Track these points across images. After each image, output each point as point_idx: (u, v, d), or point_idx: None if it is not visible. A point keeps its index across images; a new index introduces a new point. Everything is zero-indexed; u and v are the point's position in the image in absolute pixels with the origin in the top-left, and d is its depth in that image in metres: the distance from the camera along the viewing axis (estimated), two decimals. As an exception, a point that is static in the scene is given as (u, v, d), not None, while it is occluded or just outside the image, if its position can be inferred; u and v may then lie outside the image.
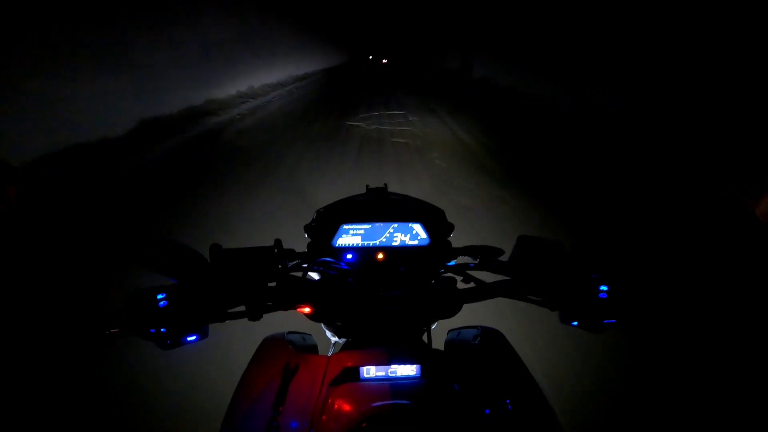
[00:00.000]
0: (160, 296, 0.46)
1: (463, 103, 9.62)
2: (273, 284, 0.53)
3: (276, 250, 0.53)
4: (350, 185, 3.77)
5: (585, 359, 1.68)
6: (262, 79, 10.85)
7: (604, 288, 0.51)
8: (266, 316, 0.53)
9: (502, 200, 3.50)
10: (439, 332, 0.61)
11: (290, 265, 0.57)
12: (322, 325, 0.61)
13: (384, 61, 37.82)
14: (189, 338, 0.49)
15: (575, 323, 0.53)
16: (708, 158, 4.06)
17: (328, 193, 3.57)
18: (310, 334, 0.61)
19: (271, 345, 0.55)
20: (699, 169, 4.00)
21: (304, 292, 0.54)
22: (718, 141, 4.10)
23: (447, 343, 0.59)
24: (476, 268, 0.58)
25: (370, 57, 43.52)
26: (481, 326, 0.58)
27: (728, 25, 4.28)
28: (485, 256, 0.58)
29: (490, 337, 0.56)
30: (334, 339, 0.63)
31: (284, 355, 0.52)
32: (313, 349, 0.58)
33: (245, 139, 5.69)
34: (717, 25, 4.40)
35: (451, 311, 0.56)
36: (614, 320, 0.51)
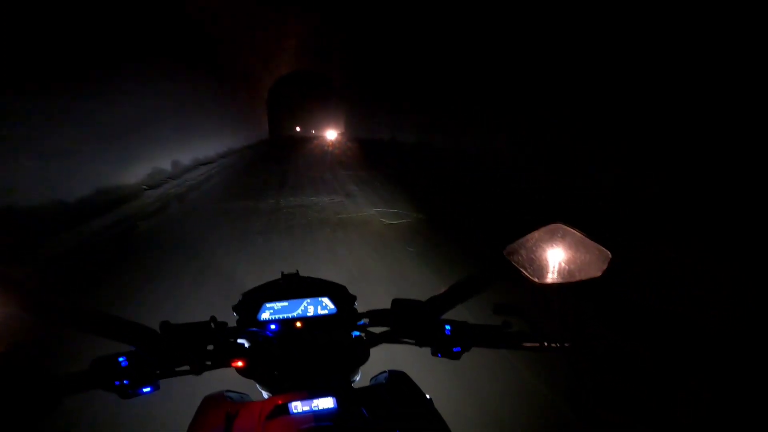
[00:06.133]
0: (121, 359, 0.60)
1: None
2: (211, 347, 0.66)
3: (212, 325, 0.66)
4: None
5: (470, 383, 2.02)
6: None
7: (447, 327, 0.67)
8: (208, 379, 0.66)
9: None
10: (363, 382, 0.74)
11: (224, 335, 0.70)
12: (256, 384, 0.73)
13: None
14: (144, 390, 0.61)
15: (439, 354, 0.68)
16: (708, 158, 3.97)
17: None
18: (246, 393, 0.72)
19: (212, 401, 0.65)
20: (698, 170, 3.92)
21: (237, 353, 0.67)
22: (718, 141, 4.01)
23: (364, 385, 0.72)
24: (370, 325, 0.75)
25: (298, 129, 41.04)
26: (390, 370, 0.72)
27: (728, 24, 4.09)
28: (375, 316, 0.75)
29: (396, 377, 0.71)
30: (266, 394, 0.73)
31: (225, 406, 0.62)
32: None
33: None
34: (717, 24, 4.20)
35: (358, 361, 0.72)
36: (460, 348, 0.67)
